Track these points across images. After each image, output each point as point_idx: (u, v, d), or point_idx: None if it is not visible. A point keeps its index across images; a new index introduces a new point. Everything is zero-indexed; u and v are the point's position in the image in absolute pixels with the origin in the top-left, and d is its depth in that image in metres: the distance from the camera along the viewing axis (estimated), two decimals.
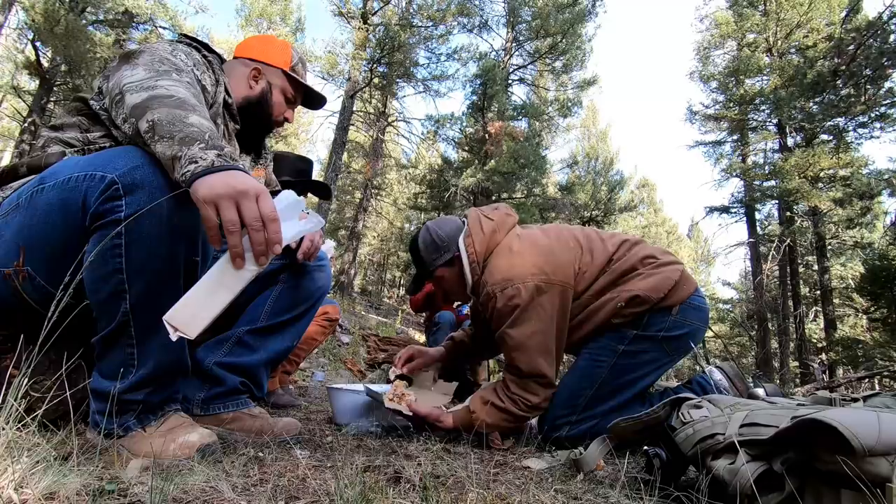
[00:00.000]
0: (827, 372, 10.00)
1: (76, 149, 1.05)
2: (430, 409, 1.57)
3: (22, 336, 0.85)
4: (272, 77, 1.35)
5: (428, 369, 1.86)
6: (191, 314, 0.80)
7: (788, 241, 12.60)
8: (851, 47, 9.73)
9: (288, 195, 0.89)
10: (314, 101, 1.49)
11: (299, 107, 1.49)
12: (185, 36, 1.30)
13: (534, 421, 1.80)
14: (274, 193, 0.88)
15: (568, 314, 1.51)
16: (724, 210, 14.62)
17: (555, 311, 1.47)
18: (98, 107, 1.06)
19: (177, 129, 0.83)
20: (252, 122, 1.34)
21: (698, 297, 1.56)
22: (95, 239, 0.86)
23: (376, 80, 14.05)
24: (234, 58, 1.37)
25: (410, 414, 1.54)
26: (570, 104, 15.82)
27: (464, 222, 1.65)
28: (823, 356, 12.03)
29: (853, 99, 10.65)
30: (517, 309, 1.43)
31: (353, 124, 13.96)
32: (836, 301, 13.60)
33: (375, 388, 1.79)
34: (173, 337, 0.79)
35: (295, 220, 0.88)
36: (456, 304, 3.51)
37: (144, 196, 0.85)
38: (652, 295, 1.47)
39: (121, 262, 0.86)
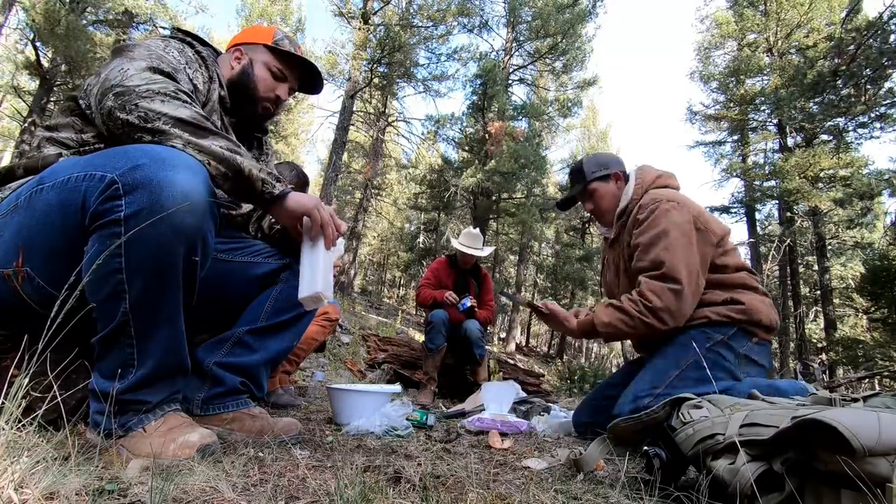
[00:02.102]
0: (827, 372, 10.00)
1: (72, 149, 1.05)
2: (562, 309, 1.80)
3: (26, 336, 0.84)
4: (253, 53, 1.32)
5: None
6: (324, 283, 1.12)
7: (788, 241, 12.60)
8: (851, 47, 9.72)
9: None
10: (310, 80, 1.41)
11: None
12: (179, 30, 1.29)
13: (538, 425, 1.79)
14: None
15: (708, 263, 1.60)
16: (725, 210, 14.62)
17: (700, 249, 1.57)
18: (84, 105, 1.05)
19: (246, 159, 1.00)
20: (242, 106, 1.32)
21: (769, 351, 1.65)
22: (95, 239, 0.86)
23: (376, 80, 14.06)
24: (226, 51, 1.37)
25: (546, 311, 1.79)
26: (570, 104, 15.82)
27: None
28: (823, 356, 12.03)
29: (853, 99, 10.65)
30: (672, 217, 1.56)
31: (353, 124, 13.96)
32: (836, 301, 13.60)
33: (376, 387, 1.79)
34: (318, 306, 1.14)
35: None
36: (458, 300, 3.51)
37: (144, 195, 0.85)
38: (752, 314, 1.55)
39: (120, 262, 0.86)
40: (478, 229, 3.86)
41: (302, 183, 2.48)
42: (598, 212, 1.87)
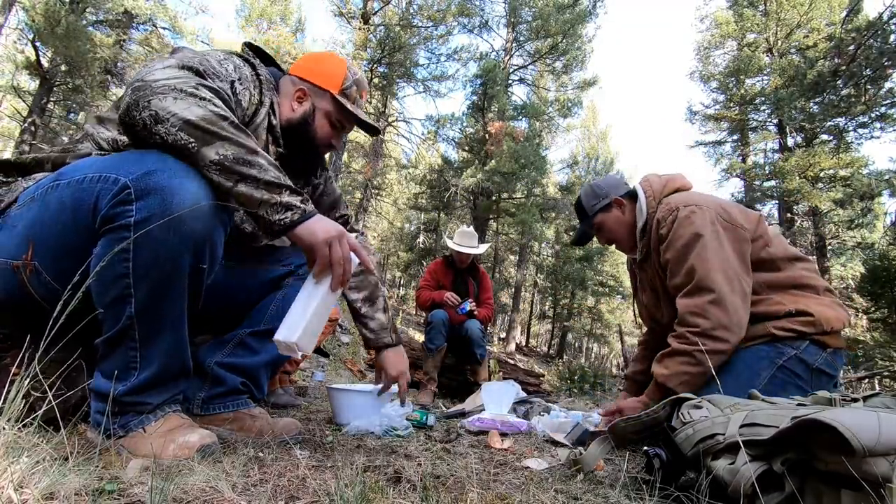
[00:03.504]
0: None
1: (105, 151, 1.05)
2: (622, 401, 1.58)
3: (29, 336, 0.85)
4: (318, 100, 1.25)
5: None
6: (310, 334, 0.99)
7: (788, 241, 12.60)
8: (852, 47, 9.73)
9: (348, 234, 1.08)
10: (368, 127, 1.36)
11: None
12: (249, 46, 1.26)
13: (538, 425, 1.79)
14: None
15: (748, 261, 1.44)
16: None
17: (734, 248, 1.42)
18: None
19: (254, 170, 0.91)
20: (295, 146, 1.27)
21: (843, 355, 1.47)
22: (104, 242, 0.86)
23: (376, 81, 14.06)
24: (289, 74, 1.29)
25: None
26: (570, 104, 15.84)
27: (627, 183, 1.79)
28: None
29: (853, 99, 10.66)
30: (694, 223, 1.43)
31: None
32: None
33: (376, 387, 1.79)
34: (297, 355, 1.00)
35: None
36: (459, 303, 3.51)
37: (156, 202, 0.85)
38: (824, 325, 1.36)
39: (128, 267, 0.86)
40: (472, 228, 3.87)
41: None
42: (613, 242, 1.77)
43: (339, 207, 1.54)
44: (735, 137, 14.96)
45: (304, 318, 0.98)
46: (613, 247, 1.80)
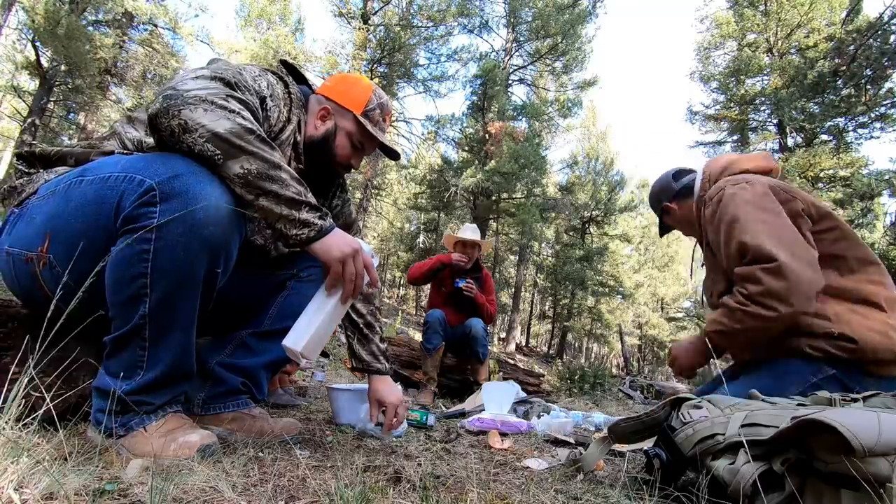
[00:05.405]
0: None
1: (128, 152, 1.06)
2: (676, 346, 1.55)
3: (29, 335, 0.85)
4: (340, 119, 1.27)
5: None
6: (316, 343, 1.04)
7: None
8: (852, 48, 9.74)
9: (363, 244, 1.11)
10: (389, 151, 1.36)
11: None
12: (284, 63, 1.28)
13: (538, 425, 1.79)
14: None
15: (811, 239, 1.32)
16: None
17: (787, 215, 1.32)
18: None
19: (276, 186, 0.93)
20: (315, 164, 1.29)
21: None
22: (123, 241, 0.87)
23: (376, 81, 14.06)
24: (316, 93, 1.31)
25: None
26: (570, 104, 15.84)
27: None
28: None
29: (853, 99, 10.67)
30: (741, 197, 1.36)
31: None
32: None
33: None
34: (302, 363, 0.94)
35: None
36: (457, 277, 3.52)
37: (180, 205, 0.85)
38: (867, 353, 1.20)
39: (146, 267, 0.87)
40: (475, 225, 3.91)
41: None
42: (677, 228, 1.84)
43: (350, 232, 1.54)
44: (735, 138, 14.96)
45: (312, 328, 1.03)
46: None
